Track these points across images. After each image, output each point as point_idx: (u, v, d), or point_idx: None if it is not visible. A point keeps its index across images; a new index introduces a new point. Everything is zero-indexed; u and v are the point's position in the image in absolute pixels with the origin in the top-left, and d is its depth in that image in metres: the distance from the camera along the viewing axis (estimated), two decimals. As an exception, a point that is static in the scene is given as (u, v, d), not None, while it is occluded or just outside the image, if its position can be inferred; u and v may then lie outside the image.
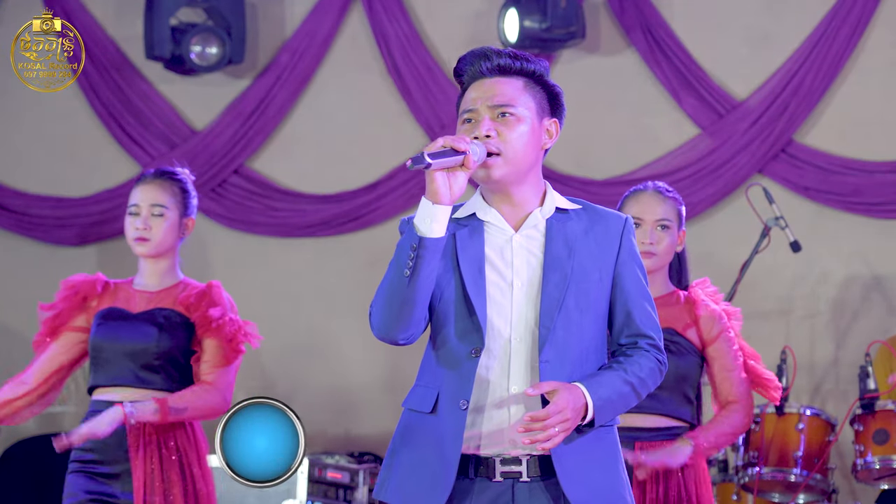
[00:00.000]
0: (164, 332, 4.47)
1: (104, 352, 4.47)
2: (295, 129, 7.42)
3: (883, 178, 6.82)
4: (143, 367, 4.44)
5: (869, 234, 6.84)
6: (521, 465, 3.02)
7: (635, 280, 3.12)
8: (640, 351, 3.11)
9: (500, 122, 3.06)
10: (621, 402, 3.06)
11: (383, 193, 7.27)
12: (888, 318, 6.76)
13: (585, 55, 7.15)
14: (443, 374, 3.05)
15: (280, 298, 7.32)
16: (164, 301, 4.54)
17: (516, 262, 3.07)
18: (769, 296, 6.82)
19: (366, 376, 7.18)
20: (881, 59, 6.92)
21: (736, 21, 7.10)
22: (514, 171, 3.07)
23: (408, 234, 2.96)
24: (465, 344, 3.03)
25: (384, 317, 3.03)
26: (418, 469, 3.04)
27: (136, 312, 4.52)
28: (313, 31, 7.35)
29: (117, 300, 4.56)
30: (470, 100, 3.09)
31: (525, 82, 3.11)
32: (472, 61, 3.12)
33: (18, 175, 7.42)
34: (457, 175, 2.95)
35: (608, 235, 3.11)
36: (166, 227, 4.54)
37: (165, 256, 4.59)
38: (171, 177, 4.60)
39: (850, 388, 6.19)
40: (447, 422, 3.01)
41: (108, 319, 4.51)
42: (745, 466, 5.63)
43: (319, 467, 6.07)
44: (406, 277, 2.94)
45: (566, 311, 3.03)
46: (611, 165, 7.06)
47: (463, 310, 3.04)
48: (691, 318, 4.27)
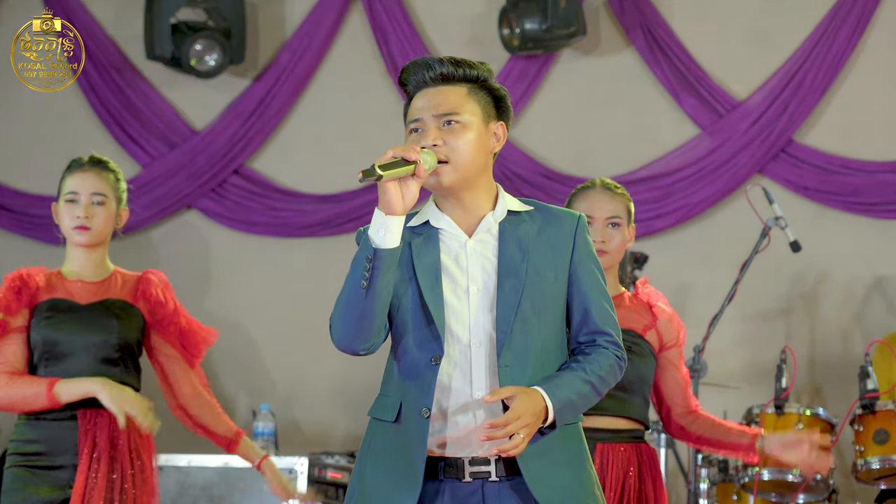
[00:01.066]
0: (123, 323, 4.41)
1: (60, 345, 4.37)
2: (295, 129, 7.42)
3: (883, 178, 6.82)
4: (102, 359, 4.37)
5: (869, 234, 6.85)
6: (490, 465, 3.03)
7: (592, 278, 3.13)
8: (599, 349, 3.11)
9: (447, 131, 3.09)
10: (582, 402, 3.06)
11: (383, 193, 7.26)
12: (888, 318, 6.76)
13: (585, 55, 7.15)
14: (404, 384, 3.07)
15: (280, 298, 7.32)
16: (112, 291, 4.47)
17: (471, 268, 3.08)
18: (769, 296, 6.82)
19: (366, 376, 7.17)
20: (881, 59, 6.93)
21: (736, 21, 7.10)
22: (464, 178, 3.08)
23: (363, 245, 2.98)
24: (425, 352, 3.04)
25: (343, 329, 3.05)
26: (386, 479, 3.05)
27: (86, 304, 4.43)
28: (313, 31, 7.35)
29: (58, 291, 4.45)
30: (416, 109, 3.15)
31: (469, 88, 3.14)
32: (414, 71, 3.20)
33: (18, 175, 7.41)
34: (408, 184, 2.97)
35: (562, 235, 3.12)
36: (106, 216, 4.47)
37: (101, 246, 4.50)
38: (107, 166, 4.55)
39: (850, 388, 6.19)
40: (411, 430, 3.03)
41: (59, 311, 4.41)
42: (745, 466, 5.63)
43: (319, 467, 6.07)
44: (363, 290, 2.97)
45: (522, 315, 3.04)
46: (611, 165, 7.06)
47: (421, 318, 3.05)
48: (649, 320, 4.23)
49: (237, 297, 7.39)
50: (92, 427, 4.34)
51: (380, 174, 2.90)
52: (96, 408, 4.33)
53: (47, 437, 4.34)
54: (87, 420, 4.34)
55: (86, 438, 4.33)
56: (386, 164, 2.93)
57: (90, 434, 4.33)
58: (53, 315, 4.40)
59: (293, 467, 5.85)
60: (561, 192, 6.93)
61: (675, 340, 4.22)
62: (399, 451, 3.04)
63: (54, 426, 4.35)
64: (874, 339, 6.02)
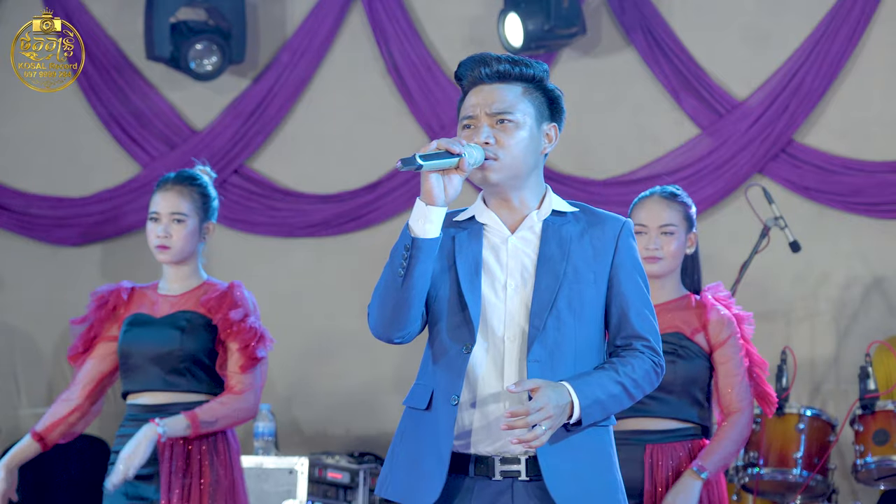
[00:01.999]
0: (186, 335, 4.49)
1: (132, 358, 4.51)
2: (295, 129, 7.42)
3: (883, 178, 6.82)
4: (169, 371, 4.48)
5: (869, 234, 6.84)
6: (520, 464, 3.04)
7: (632, 283, 3.13)
8: (635, 352, 3.11)
9: (499, 129, 3.08)
10: (612, 402, 3.05)
11: (383, 193, 7.27)
12: (888, 318, 6.76)
13: (585, 55, 7.15)
14: (436, 371, 3.08)
15: (280, 298, 7.32)
16: (187, 303, 4.56)
17: (511, 264, 3.10)
18: (769, 296, 6.81)
19: (366, 376, 7.18)
20: (881, 59, 6.92)
21: (736, 21, 7.10)
22: (512, 176, 3.10)
23: (402, 235, 2.99)
24: (457, 341, 3.06)
25: (380, 317, 3.08)
26: (415, 465, 3.07)
27: (159, 317, 4.54)
28: (313, 31, 7.35)
29: (142, 306, 4.58)
30: (469, 106, 3.12)
31: (524, 88, 3.13)
32: (471, 67, 3.14)
33: (18, 175, 7.41)
34: (451, 177, 2.98)
35: (605, 238, 3.13)
36: (186, 234, 4.54)
37: (187, 261, 4.60)
38: (191, 182, 4.61)
39: (850, 388, 6.19)
40: (440, 417, 3.04)
41: (134, 326, 4.54)
42: (745, 467, 5.63)
43: (319, 467, 6.07)
44: (400, 278, 2.99)
45: (557, 312, 3.05)
46: (611, 165, 7.06)
47: (456, 308, 3.07)
48: (700, 323, 4.28)
49: (237, 297, 7.38)
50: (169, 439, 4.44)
51: (420, 164, 2.91)
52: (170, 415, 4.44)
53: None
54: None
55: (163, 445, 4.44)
56: (428, 155, 2.93)
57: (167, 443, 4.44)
58: (130, 329, 4.54)
59: (293, 467, 5.85)
60: (561, 192, 6.85)
61: (725, 339, 4.25)
62: (428, 438, 3.06)
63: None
64: (874, 339, 6.02)
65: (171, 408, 4.46)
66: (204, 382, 4.52)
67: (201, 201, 4.59)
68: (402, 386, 7.50)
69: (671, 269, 4.35)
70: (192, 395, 4.49)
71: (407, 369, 7.41)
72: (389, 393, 7.09)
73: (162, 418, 4.40)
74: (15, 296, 7.34)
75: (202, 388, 4.51)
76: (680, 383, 4.17)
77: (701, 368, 4.23)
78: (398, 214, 7.26)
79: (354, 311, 7.24)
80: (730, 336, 4.26)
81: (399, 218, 7.25)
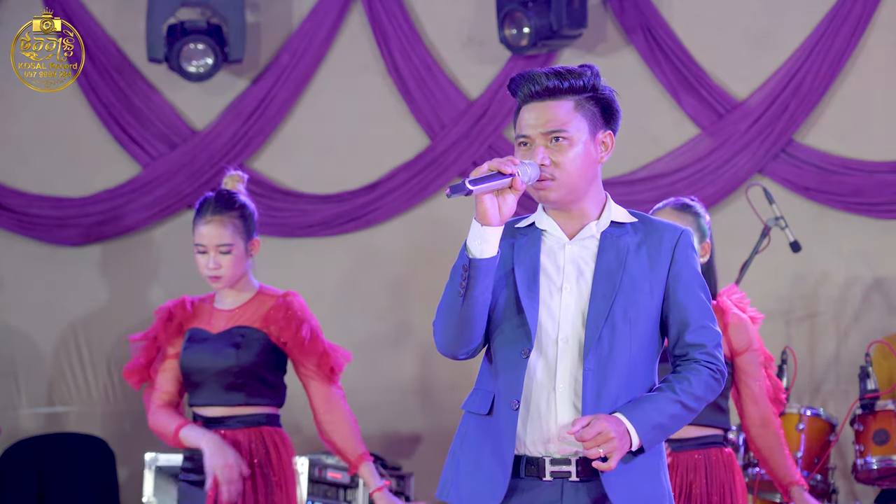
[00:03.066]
0: (242, 351, 4.57)
1: (192, 375, 4.61)
2: (295, 129, 7.41)
3: (883, 178, 6.82)
4: (227, 386, 4.57)
5: (869, 234, 6.84)
6: (571, 465, 3.07)
7: (690, 292, 3.14)
8: (691, 363, 3.12)
9: (554, 148, 3.11)
10: (673, 422, 3.08)
11: (383, 193, 7.27)
12: (888, 318, 6.76)
13: (585, 55, 7.15)
14: (497, 377, 3.12)
15: (280, 298, 7.31)
16: (243, 318, 4.64)
17: (567, 269, 3.12)
18: (769, 296, 6.81)
19: (366, 376, 7.18)
20: (881, 59, 6.92)
21: (736, 21, 7.10)
22: (570, 192, 3.13)
23: (460, 255, 3.03)
24: (516, 346, 3.09)
25: (444, 335, 3.10)
26: (478, 470, 3.10)
27: (215, 333, 4.62)
28: (313, 31, 7.34)
29: (200, 321, 4.67)
30: (523, 125, 3.14)
31: (576, 102, 3.16)
32: (521, 84, 3.16)
33: (18, 175, 7.41)
34: (506, 197, 3.00)
35: (661, 248, 3.14)
36: (235, 261, 4.63)
37: (240, 279, 4.69)
38: (230, 207, 4.67)
39: (850, 388, 6.19)
40: (502, 422, 3.08)
41: (193, 343, 4.63)
42: (745, 466, 5.63)
43: (319, 467, 6.06)
44: (460, 297, 3.02)
45: (612, 322, 3.07)
46: (611, 165, 6.99)
47: (515, 315, 3.10)
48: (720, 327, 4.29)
49: (237, 297, 7.38)
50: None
51: (469, 189, 2.92)
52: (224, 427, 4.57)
53: (197, 455, 4.57)
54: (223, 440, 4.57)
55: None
56: (477, 179, 2.95)
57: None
58: (189, 346, 4.63)
59: (293, 467, 5.84)
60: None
61: (747, 346, 4.26)
62: (490, 443, 3.09)
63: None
64: (874, 339, 6.02)
65: (229, 420, 4.57)
66: (262, 395, 4.62)
67: (243, 226, 4.67)
68: (403, 386, 7.52)
69: None
70: (250, 409, 4.61)
71: (407, 369, 7.42)
72: (390, 392, 7.08)
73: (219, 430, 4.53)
74: (15, 296, 7.34)
75: (261, 401, 4.62)
76: None
77: None
78: (398, 214, 7.26)
79: (354, 311, 7.26)
80: (750, 343, 4.30)
81: (399, 218, 7.25)
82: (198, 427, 4.54)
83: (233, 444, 4.53)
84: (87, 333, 7.26)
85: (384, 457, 6.64)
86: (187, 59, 7.09)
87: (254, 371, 4.58)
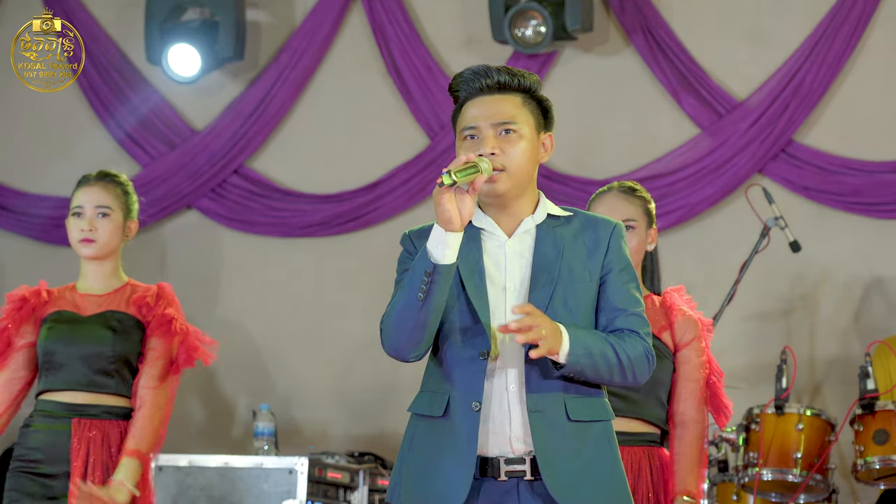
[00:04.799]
0: (118, 336, 4.46)
1: (56, 355, 4.45)
2: (295, 129, 7.42)
3: (883, 178, 6.82)
4: (97, 371, 4.43)
5: (869, 234, 6.84)
6: (525, 464, 3.08)
7: (622, 281, 3.17)
8: (632, 334, 3.14)
9: (503, 139, 3.14)
10: (600, 361, 3.07)
11: (383, 193, 7.27)
12: (888, 318, 6.76)
13: (585, 55, 7.15)
14: (452, 378, 3.11)
15: (280, 298, 7.32)
16: (115, 303, 4.52)
17: (509, 267, 3.15)
18: (769, 296, 6.82)
19: (366, 376, 7.18)
20: (881, 59, 6.92)
21: (736, 21, 7.10)
22: (517, 185, 3.16)
23: (421, 259, 3.03)
24: (472, 348, 3.10)
25: (396, 338, 3.10)
26: (432, 472, 3.10)
27: (87, 315, 4.49)
28: (313, 30, 7.34)
29: (65, 304, 4.53)
30: (471, 117, 3.17)
31: (523, 98, 3.20)
32: (470, 78, 3.20)
33: (18, 175, 7.41)
34: (463, 199, 3.02)
35: (598, 239, 3.18)
36: (111, 228, 4.55)
37: (110, 258, 4.58)
38: (114, 179, 4.61)
39: (850, 388, 6.19)
40: (461, 424, 3.08)
41: (60, 322, 4.48)
42: (745, 466, 5.63)
43: (319, 467, 6.06)
44: (420, 302, 3.02)
45: (553, 311, 3.09)
46: (611, 165, 7.06)
47: (467, 315, 3.11)
48: (666, 322, 4.24)
49: (237, 297, 7.39)
50: (86, 435, 4.40)
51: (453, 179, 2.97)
52: (90, 416, 4.40)
53: (45, 444, 4.40)
54: (82, 428, 4.41)
55: (80, 446, 4.38)
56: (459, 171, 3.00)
57: (84, 442, 4.39)
58: (54, 326, 4.48)
59: (293, 467, 5.85)
60: (561, 192, 6.92)
61: (687, 341, 4.19)
62: (446, 448, 3.09)
63: (51, 434, 4.41)
64: (874, 339, 6.02)
65: (92, 409, 4.41)
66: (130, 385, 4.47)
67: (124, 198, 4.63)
68: (402, 386, 7.53)
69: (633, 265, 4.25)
70: (119, 400, 4.45)
71: (406, 369, 7.42)
72: (390, 392, 7.08)
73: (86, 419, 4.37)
74: (15, 296, 7.33)
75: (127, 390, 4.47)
76: (648, 383, 4.09)
77: (666, 369, 4.17)
78: (398, 214, 7.26)
79: (354, 311, 7.26)
80: (694, 339, 4.19)
81: (399, 218, 7.25)
82: None
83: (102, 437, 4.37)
84: (87, 333, 7.26)
85: (384, 457, 6.64)
86: (176, 61, 7.10)
87: (127, 359, 4.45)
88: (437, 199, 3.00)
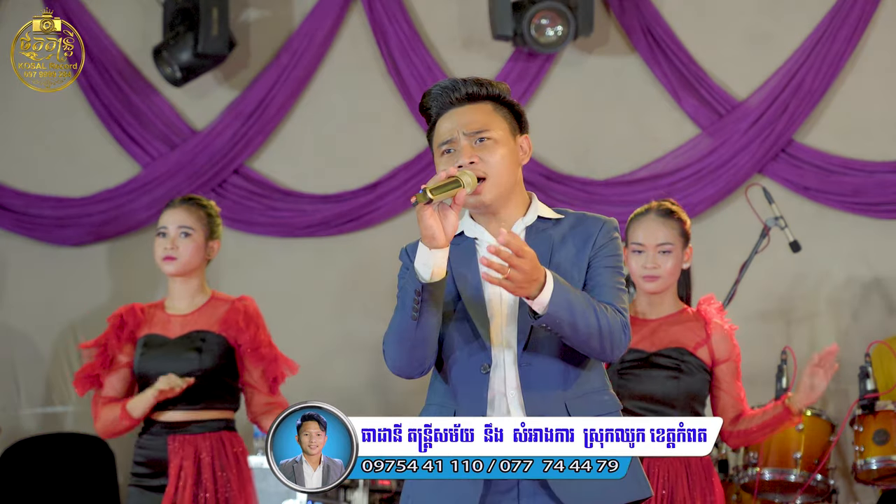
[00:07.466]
0: (204, 356, 4.68)
1: (151, 379, 4.68)
2: (295, 129, 7.42)
3: (883, 178, 6.82)
4: (187, 390, 4.64)
5: (869, 234, 6.84)
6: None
7: (606, 272, 3.17)
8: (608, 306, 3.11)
9: (479, 148, 3.15)
10: (579, 313, 3.02)
11: (383, 193, 7.27)
12: (888, 318, 6.76)
13: (586, 55, 7.15)
14: (457, 392, 3.13)
15: (280, 298, 7.32)
16: (200, 322, 4.74)
17: None
18: (769, 296, 6.82)
19: (366, 376, 7.18)
20: (881, 59, 6.92)
21: (736, 21, 7.10)
22: (502, 193, 3.16)
23: (410, 278, 3.03)
24: (474, 361, 3.12)
25: (397, 358, 3.12)
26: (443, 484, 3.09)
27: (174, 338, 4.70)
28: (313, 31, 7.34)
29: (154, 326, 4.75)
30: (445, 131, 3.17)
31: (493, 105, 3.20)
32: (439, 94, 3.20)
33: (18, 175, 7.41)
34: (447, 214, 3.01)
35: (585, 236, 3.19)
36: (192, 247, 4.75)
37: (193, 276, 4.79)
38: (198, 203, 4.83)
39: (850, 388, 6.19)
40: None
41: (150, 348, 4.71)
42: (745, 466, 5.63)
43: (319, 467, 6.06)
44: (414, 321, 3.03)
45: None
46: (611, 165, 7.06)
47: (467, 329, 3.13)
48: (702, 337, 4.32)
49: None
50: (179, 449, 4.64)
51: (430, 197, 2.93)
52: (185, 433, 4.65)
53: (149, 458, 4.67)
54: (176, 443, 4.66)
55: (175, 459, 4.63)
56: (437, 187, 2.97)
57: (178, 455, 4.63)
58: (146, 351, 4.72)
59: (293, 467, 5.85)
60: (561, 192, 6.92)
61: (728, 356, 4.32)
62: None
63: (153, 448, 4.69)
64: (874, 340, 6.02)
65: (190, 426, 4.65)
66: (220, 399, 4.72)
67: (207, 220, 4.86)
68: (403, 386, 7.51)
69: (669, 286, 4.43)
70: (211, 413, 4.69)
71: (407, 369, 7.42)
72: (390, 392, 7.08)
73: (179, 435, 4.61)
74: (15, 296, 7.34)
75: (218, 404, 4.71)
76: (683, 398, 4.25)
77: (702, 382, 4.30)
78: (398, 214, 7.26)
79: (354, 311, 7.26)
80: (730, 354, 4.40)
81: (399, 218, 7.25)
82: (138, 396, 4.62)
83: (194, 450, 4.59)
84: (87, 333, 7.25)
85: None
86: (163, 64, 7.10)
87: (215, 375, 4.66)
88: (419, 217, 2.98)
